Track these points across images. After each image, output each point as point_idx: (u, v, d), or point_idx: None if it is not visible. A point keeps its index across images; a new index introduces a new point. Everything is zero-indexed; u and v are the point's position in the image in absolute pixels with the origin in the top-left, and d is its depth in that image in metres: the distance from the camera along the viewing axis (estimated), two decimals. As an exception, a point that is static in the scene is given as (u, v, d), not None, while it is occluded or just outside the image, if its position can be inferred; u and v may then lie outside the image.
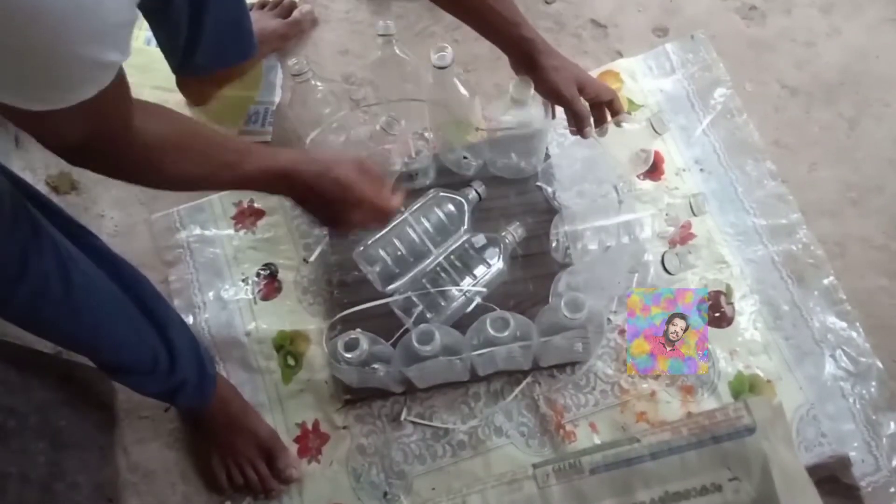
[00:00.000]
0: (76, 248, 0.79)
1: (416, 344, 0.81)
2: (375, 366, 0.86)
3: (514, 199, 1.07)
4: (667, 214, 1.07)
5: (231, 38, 1.11)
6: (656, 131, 1.00)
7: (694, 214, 1.05)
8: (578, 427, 0.96)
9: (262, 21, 1.22)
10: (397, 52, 0.98)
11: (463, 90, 0.95)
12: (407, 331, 0.86)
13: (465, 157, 1.07)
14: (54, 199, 1.17)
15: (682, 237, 1.06)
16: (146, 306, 0.89)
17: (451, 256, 0.96)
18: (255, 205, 1.14)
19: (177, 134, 0.69)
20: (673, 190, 1.10)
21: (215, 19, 1.01)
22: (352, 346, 0.84)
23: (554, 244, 1.02)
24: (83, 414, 0.96)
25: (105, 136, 0.61)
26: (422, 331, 0.82)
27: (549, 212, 1.05)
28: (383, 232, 0.96)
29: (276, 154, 0.77)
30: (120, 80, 0.55)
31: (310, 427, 0.99)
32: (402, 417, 0.98)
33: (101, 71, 0.52)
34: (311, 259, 1.08)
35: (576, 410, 0.97)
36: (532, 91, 0.90)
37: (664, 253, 1.04)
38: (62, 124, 0.55)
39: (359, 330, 0.85)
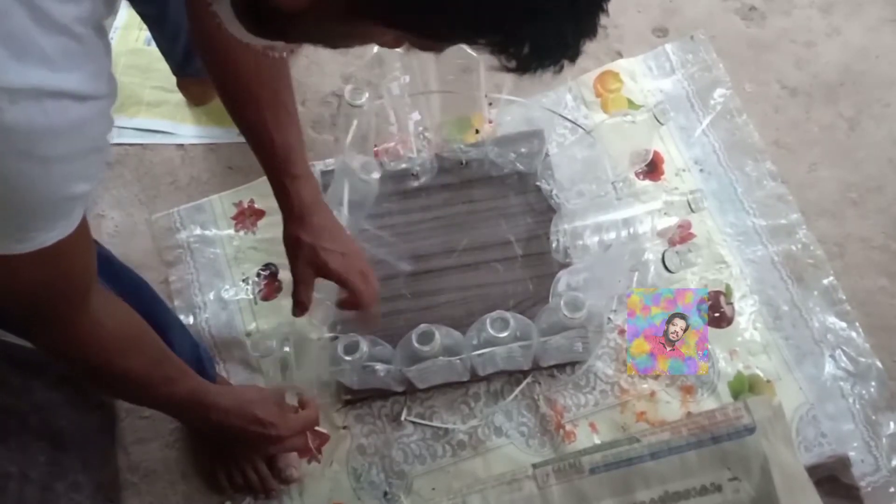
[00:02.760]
0: None
1: (416, 344, 0.81)
2: (377, 367, 0.86)
3: (514, 199, 1.07)
4: (665, 213, 1.07)
5: None
6: (659, 121, 1.00)
7: (692, 211, 1.06)
8: (578, 427, 0.96)
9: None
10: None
11: (469, 49, 0.94)
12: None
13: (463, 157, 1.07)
14: (54, 199, 1.17)
15: (682, 237, 1.06)
16: (146, 311, 0.89)
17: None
18: (256, 205, 1.14)
19: (133, 327, 0.66)
20: (672, 190, 1.10)
21: None
22: (351, 348, 0.84)
23: (554, 244, 1.02)
24: (83, 414, 0.96)
25: (59, 298, 0.54)
26: (422, 331, 0.82)
27: (548, 211, 1.05)
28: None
29: (201, 383, 0.80)
30: (84, 229, 0.51)
31: (310, 427, 1.00)
32: (403, 417, 0.98)
33: (67, 206, 0.47)
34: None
35: (576, 410, 0.97)
36: None
37: (664, 251, 1.04)
38: (13, 275, 0.48)
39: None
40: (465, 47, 0.43)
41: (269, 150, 0.80)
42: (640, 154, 1.08)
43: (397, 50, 0.95)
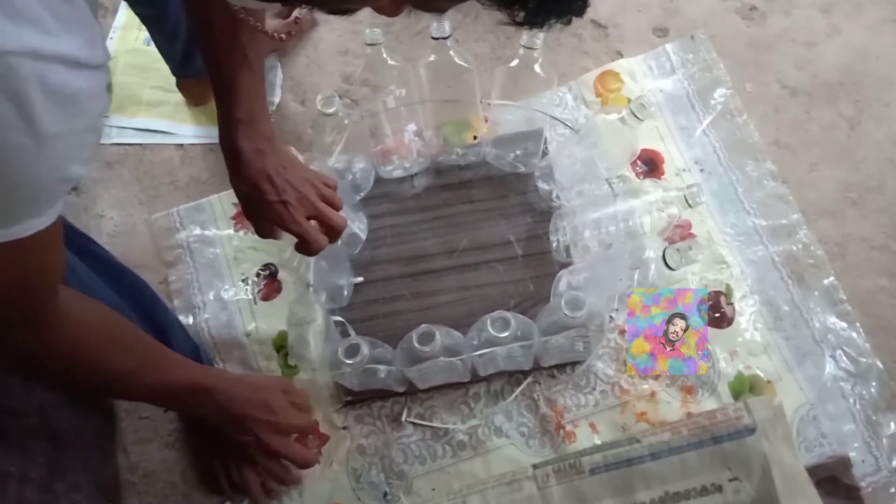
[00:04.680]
0: (73, 256, 0.79)
1: (416, 345, 0.81)
2: (377, 368, 0.86)
3: (514, 199, 1.07)
4: (660, 210, 1.07)
5: None
6: (637, 117, 1.00)
7: (689, 206, 1.05)
8: (578, 427, 0.96)
9: (261, 22, 1.22)
10: (386, 58, 0.97)
11: (460, 61, 0.94)
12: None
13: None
14: (54, 199, 1.17)
15: (682, 237, 1.06)
16: (145, 312, 0.89)
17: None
18: (255, 205, 1.14)
19: (104, 322, 0.63)
20: (671, 188, 1.10)
21: None
22: (352, 352, 0.84)
23: (554, 244, 1.02)
24: (83, 414, 0.96)
25: (30, 294, 0.52)
26: (422, 331, 0.82)
27: (548, 211, 1.05)
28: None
29: (198, 367, 0.78)
30: (60, 222, 0.48)
31: (310, 427, 0.99)
32: (403, 418, 0.98)
33: (58, 189, 0.45)
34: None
35: (576, 411, 0.97)
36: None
37: (665, 248, 1.04)
38: None
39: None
40: (456, 58, 0.42)
41: (215, 87, 0.77)
42: (631, 151, 1.09)
43: (391, 62, 0.96)
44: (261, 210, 0.80)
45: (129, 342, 0.67)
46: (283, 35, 0.71)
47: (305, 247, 0.83)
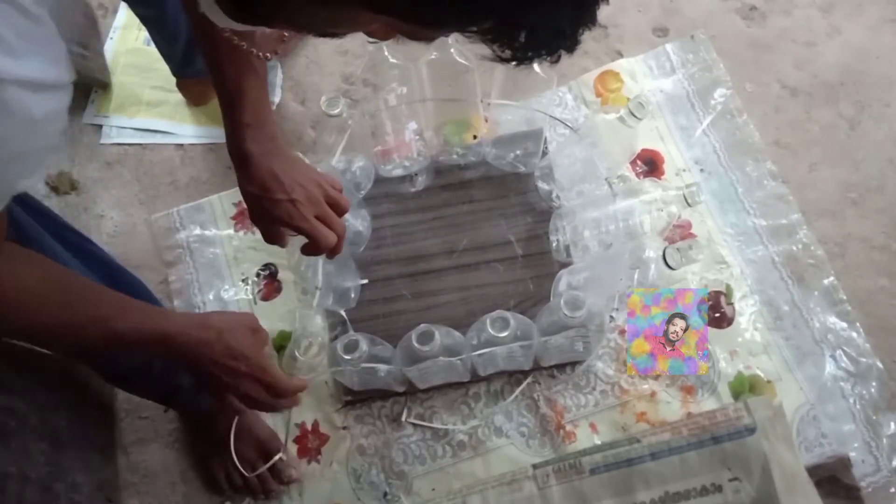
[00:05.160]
0: (69, 255, 0.79)
1: (416, 344, 0.81)
2: (377, 367, 0.86)
3: (514, 199, 1.07)
4: (660, 210, 1.07)
5: None
6: (636, 116, 1.00)
7: (688, 205, 1.06)
8: (578, 427, 0.96)
9: (261, 22, 1.22)
10: (388, 56, 0.97)
11: (461, 59, 0.93)
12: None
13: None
14: (54, 199, 1.17)
15: (682, 237, 1.06)
16: None
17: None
18: (255, 205, 1.14)
19: (40, 281, 0.61)
20: (671, 190, 1.10)
21: None
22: (351, 347, 0.83)
23: (554, 244, 1.02)
24: (83, 414, 0.96)
25: None
26: (422, 331, 0.82)
27: (548, 211, 1.05)
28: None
29: (158, 315, 0.70)
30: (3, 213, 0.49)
31: (309, 427, 0.99)
32: (403, 419, 0.97)
33: (2, 200, 0.45)
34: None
35: (576, 411, 0.97)
36: None
37: (665, 248, 1.04)
38: None
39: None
40: (457, 56, 0.41)
41: (220, 93, 0.76)
42: (631, 151, 1.09)
43: (392, 60, 0.96)
44: (270, 210, 0.79)
45: (67, 300, 0.63)
46: (268, 54, 0.70)
47: (314, 245, 0.81)
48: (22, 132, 0.40)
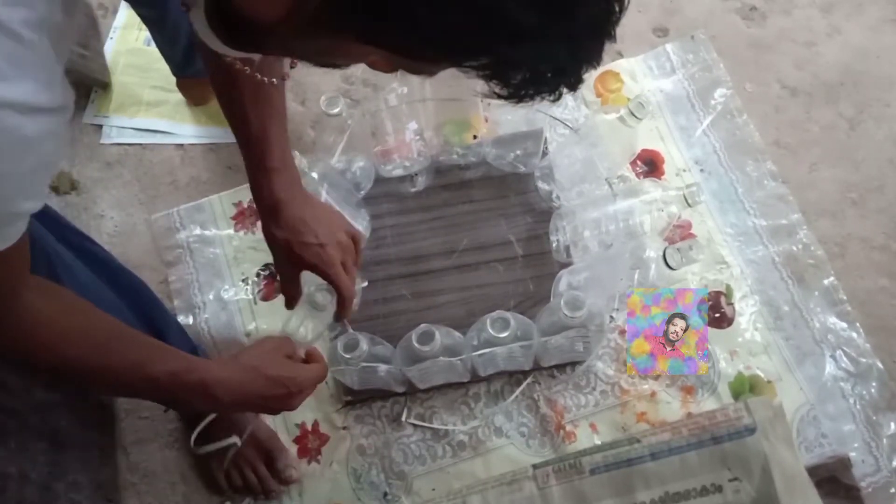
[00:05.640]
0: (71, 255, 0.79)
1: (416, 344, 0.81)
2: (377, 367, 0.86)
3: (514, 199, 1.07)
4: (660, 210, 1.07)
5: None
6: (636, 116, 1.00)
7: (688, 205, 1.06)
8: (578, 427, 0.96)
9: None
10: None
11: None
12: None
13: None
14: (54, 199, 1.17)
15: (682, 237, 1.06)
16: (143, 312, 0.89)
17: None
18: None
19: (69, 318, 0.60)
20: (671, 190, 1.10)
21: None
22: (351, 346, 0.83)
23: (554, 244, 1.02)
24: (83, 414, 0.96)
25: None
26: (422, 331, 0.82)
27: (548, 211, 1.05)
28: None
29: (189, 361, 0.69)
30: (21, 246, 0.49)
31: (309, 427, 0.99)
32: (403, 419, 0.97)
33: (11, 223, 0.45)
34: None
35: (576, 411, 0.97)
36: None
37: (665, 248, 1.04)
38: None
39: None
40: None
41: (244, 138, 0.77)
42: (631, 151, 1.09)
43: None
44: (299, 254, 0.79)
45: (101, 342, 0.62)
46: (274, 80, 0.71)
47: (341, 301, 0.81)
48: (15, 151, 0.41)
